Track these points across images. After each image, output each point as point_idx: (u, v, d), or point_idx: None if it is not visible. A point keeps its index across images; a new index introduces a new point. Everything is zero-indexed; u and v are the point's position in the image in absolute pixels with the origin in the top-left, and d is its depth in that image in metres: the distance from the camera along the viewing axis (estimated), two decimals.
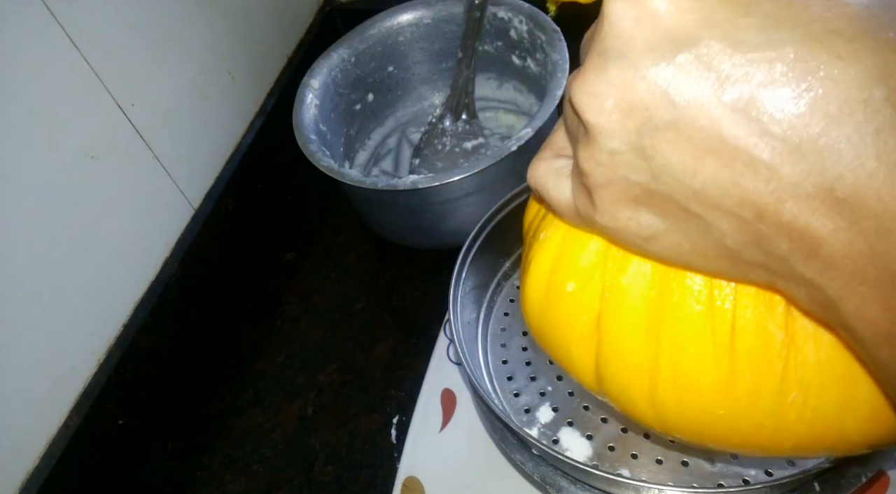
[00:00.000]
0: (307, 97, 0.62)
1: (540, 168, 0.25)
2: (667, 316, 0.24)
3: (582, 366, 0.28)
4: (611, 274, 0.26)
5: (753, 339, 0.23)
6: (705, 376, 0.24)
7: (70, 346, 0.49)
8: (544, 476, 0.36)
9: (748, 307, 0.23)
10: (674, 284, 0.24)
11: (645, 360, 0.25)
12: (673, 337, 0.25)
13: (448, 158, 0.66)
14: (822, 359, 0.23)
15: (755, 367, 0.23)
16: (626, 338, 0.26)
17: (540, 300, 0.29)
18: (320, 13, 0.83)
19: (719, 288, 0.23)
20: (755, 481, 0.36)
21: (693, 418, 0.26)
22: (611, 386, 0.28)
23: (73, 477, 0.48)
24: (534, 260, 0.29)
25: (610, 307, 0.26)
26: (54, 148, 0.47)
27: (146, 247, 0.57)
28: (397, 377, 0.55)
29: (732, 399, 0.24)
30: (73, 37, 0.47)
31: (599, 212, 0.22)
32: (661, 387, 0.25)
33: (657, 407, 0.26)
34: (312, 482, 0.50)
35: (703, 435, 0.26)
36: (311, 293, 0.64)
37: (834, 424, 0.24)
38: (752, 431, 0.25)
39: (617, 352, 0.26)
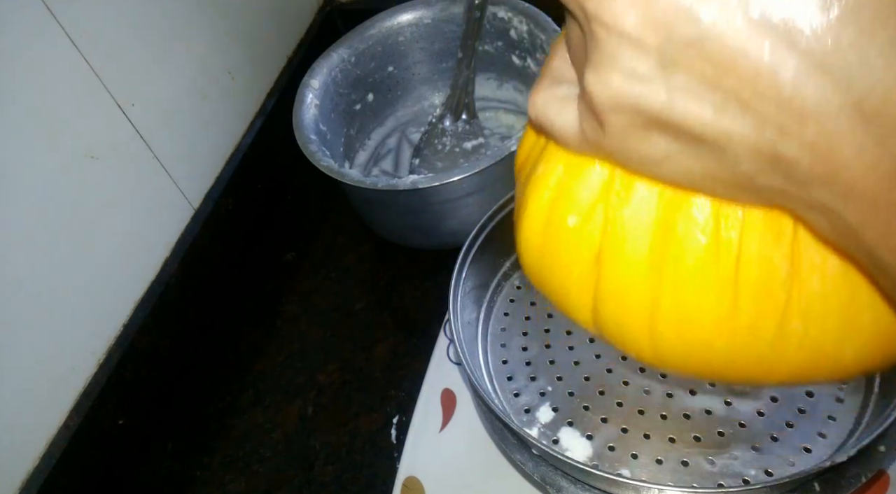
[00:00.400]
0: (307, 97, 0.62)
1: (540, 96, 0.24)
2: (671, 248, 0.24)
3: (580, 306, 0.28)
4: (614, 206, 0.25)
5: (758, 271, 0.23)
6: (707, 309, 0.24)
7: (70, 346, 0.49)
8: (544, 476, 0.36)
9: (754, 239, 0.23)
10: (679, 216, 0.23)
11: (646, 294, 0.25)
12: (676, 270, 0.24)
13: (448, 158, 0.66)
14: (826, 290, 0.22)
15: (758, 299, 0.23)
16: (628, 272, 0.25)
17: (538, 237, 0.28)
18: (320, 13, 0.83)
19: (726, 219, 0.23)
20: (755, 481, 0.36)
21: (692, 351, 0.26)
22: (608, 322, 0.27)
23: (73, 477, 0.48)
24: (531, 195, 0.27)
25: (612, 240, 0.25)
26: (54, 148, 0.47)
27: (146, 247, 0.57)
28: (397, 377, 0.55)
29: (733, 331, 0.24)
30: (72, 37, 0.47)
31: (609, 136, 0.21)
32: (662, 321, 0.25)
33: (656, 342, 0.26)
34: (312, 482, 0.50)
35: (700, 368, 0.26)
36: (311, 293, 0.64)
37: (833, 352, 0.24)
38: (750, 362, 0.25)
39: (617, 287, 0.26)
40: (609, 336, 0.28)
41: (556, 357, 0.44)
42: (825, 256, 0.22)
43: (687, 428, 0.39)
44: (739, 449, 0.37)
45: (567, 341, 0.45)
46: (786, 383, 0.26)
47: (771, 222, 0.22)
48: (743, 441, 0.38)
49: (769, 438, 0.37)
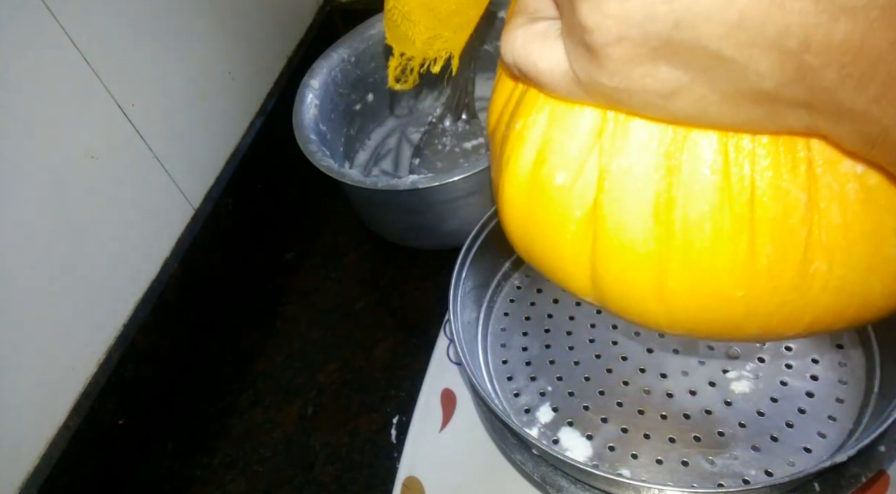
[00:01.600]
0: (307, 97, 0.62)
1: (518, 36, 0.21)
2: (677, 193, 0.22)
3: (576, 272, 0.25)
4: (608, 156, 0.22)
5: (775, 206, 0.21)
6: (723, 256, 0.22)
7: (70, 346, 0.49)
8: (544, 476, 0.36)
9: (768, 169, 0.21)
10: (682, 156, 0.21)
11: (652, 250, 0.23)
12: (685, 217, 0.22)
13: (448, 158, 0.66)
14: (848, 220, 0.20)
15: (777, 238, 0.21)
16: (629, 227, 0.23)
17: (522, 200, 0.25)
18: (320, 13, 0.83)
19: (736, 150, 0.21)
20: (755, 481, 0.36)
21: (708, 306, 0.23)
22: (611, 288, 0.25)
23: (73, 477, 0.48)
24: (512, 155, 0.25)
25: (609, 194, 0.23)
26: (54, 147, 0.47)
27: (146, 247, 0.57)
28: (397, 377, 0.55)
29: (752, 277, 0.22)
30: (72, 36, 0.47)
31: (608, 73, 0.19)
32: (673, 277, 0.23)
33: (667, 301, 0.23)
34: (312, 482, 0.50)
35: (718, 325, 0.24)
36: (311, 293, 0.64)
37: (860, 289, 0.22)
38: (771, 311, 0.23)
39: (618, 246, 0.23)
40: (612, 302, 0.25)
41: (556, 357, 0.44)
42: (844, 182, 0.20)
43: (687, 428, 0.39)
44: (739, 449, 0.37)
45: (567, 341, 0.45)
46: (812, 331, 0.24)
47: (784, 149, 0.20)
48: (743, 441, 0.38)
49: (769, 438, 0.37)
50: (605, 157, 0.22)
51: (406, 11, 0.49)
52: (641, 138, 0.22)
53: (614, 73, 0.18)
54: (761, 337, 0.25)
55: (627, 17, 0.17)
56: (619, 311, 0.26)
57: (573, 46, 0.19)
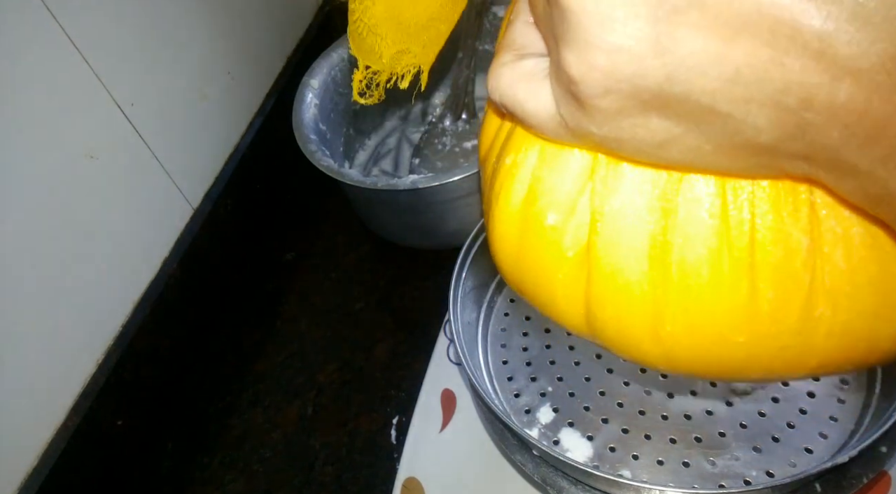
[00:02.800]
0: (307, 97, 0.62)
1: (504, 75, 0.20)
2: (674, 236, 0.21)
3: (571, 310, 0.25)
4: (601, 197, 0.22)
5: (776, 250, 0.20)
6: (722, 300, 0.21)
7: (69, 346, 0.49)
8: (545, 476, 0.36)
9: (768, 213, 0.20)
10: (678, 199, 0.21)
11: (647, 292, 0.22)
12: (682, 260, 0.21)
13: (448, 158, 0.65)
14: (853, 265, 0.20)
15: (779, 282, 0.20)
16: (625, 270, 0.22)
17: (513, 239, 0.25)
18: (320, 13, 0.83)
19: (734, 193, 0.20)
20: (756, 482, 0.36)
21: (707, 349, 0.23)
22: (606, 327, 0.24)
23: (72, 478, 0.48)
24: (502, 191, 0.24)
25: (602, 236, 0.22)
26: (53, 147, 0.47)
27: (145, 247, 0.57)
28: (397, 377, 0.55)
29: (753, 322, 0.21)
30: (72, 37, 0.47)
31: (596, 122, 0.18)
32: (669, 320, 0.22)
33: (664, 343, 0.23)
34: (312, 482, 0.50)
35: (718, 367, 0.23)
36: (310, 293, 0.63)
37: (867, 334, 0.21)
38: (774, 355, 0.22)
39: (613, 288, 0.23)
40: (607, 341, 0.25)
41: (556, 357, 0.44)
42: (848, 225, 0.20)
43: (688, 429, 0.39)
44: (741, 450, 0.37)
45: (568, 341, 0.45)
46: (816, 374, 0.23)
47: (785, 192, 0.20)
48: (744, 442, 0.37)
49: (770, 439, 0.37)
50: (597, 199, 0.22)
51: (372, 24, 0.47)
52: (634, 180, 0.21)
53: (602, 123, 0.18)
54: (764, 379, 0.25)
55: (615, 70, 0.16)
56: (615, 351, 0.25)
57: (560, 92, 0.18)
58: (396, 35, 0.47)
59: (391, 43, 0.48)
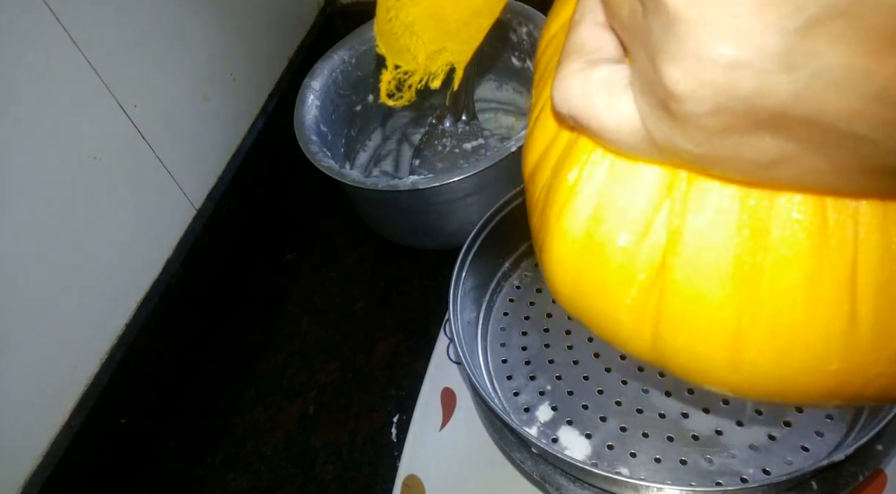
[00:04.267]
0: (308, 98, 0.62)
1: (575, 86, 0.18)
2: (765, 258, 0.19)
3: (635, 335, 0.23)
4: (679, 216, 0.20)
5: (882, 271, 0.19)
6: (817, 326, 0.19)
7: (72, 345, 0.50)
8: (544, 474, 0.37)
9: (874, 231, 0.18)
10: (770, 217, 0.19)
11: (730, 317, 0.20)
12: (773, 284, 0.19)
13: (448, 159, 0.66)
14: None
15: (883, 307, 0.19)
16: (705, 294, 0.20)
17: (574, 259, 0.23)
18: (321, 15, 0.84)
19: (836, 210, 0.18)
20: (753, 479, 0.36)
21: (793, 378, 0.21)
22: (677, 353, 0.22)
23: (75, 476, 0.48)
24: (564, 210, 0.22)
25: (681, 258, 0.20)
26: (56, 148, 0.47)
27: (148, 247, 0.57)
28: (397, 376, 0.55)
29: (851, 349, 0.20)
30: (74, 37, 0.48)
31: (694, 141, 0.16)
32: (754, 347, 0.21)
33: (744, 371, 0.21)
34: (313, 480, 0.51)
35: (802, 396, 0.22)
36: (312, 293, 0.64)
37: None
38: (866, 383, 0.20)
39: (690, 313, 0.21)
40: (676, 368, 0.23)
41: (555, 356, 0.44)
42: None
43: (685, 427, 0.39)
44: (737, 448, 0.37)
45: (566, 340, 0.45)
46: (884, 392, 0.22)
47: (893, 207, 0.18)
48: (741, 440, 0.38)
49: (767, 437, 0.38)
50: (675, 218, 0.20)
51: (409, 22, 0.44)
52: (720, 197, 0.19)
53: (702, 142, 0.16)
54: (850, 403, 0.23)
55: (732, 87, 0.14)
56: (683, 376, 0.24)
57: (650, 107, 0.16)
58: (435, 33, 0.44)
59: (428, 41, 0.44)
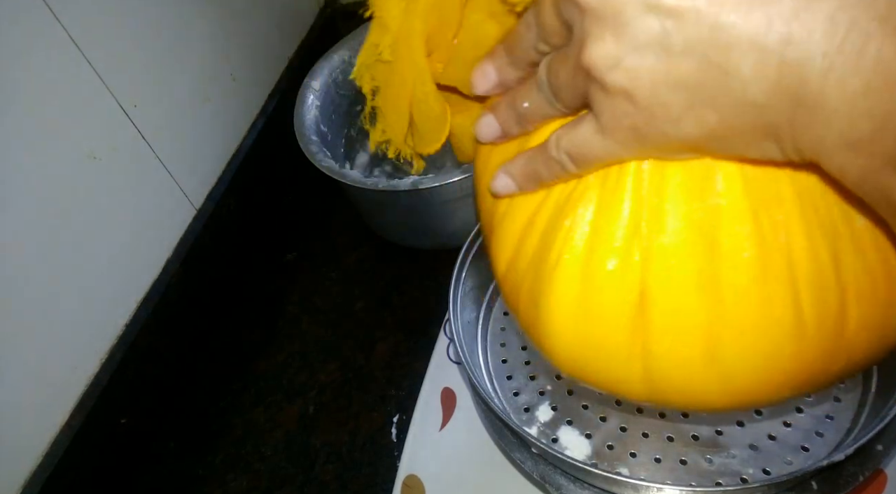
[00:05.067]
0: (308, 98, 0.62)
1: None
2: (722, 265, 0.23)
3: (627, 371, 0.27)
4: (649, 236, 0.24)
5: (812, 266, 0.23)
6: (770, 317, 0.23)
7: (72, 346, 0.50)
8: (544, 474, 0.37)
9: (799, 234, 0.23)
10: (720, 232, 0.23)
11: (703, 320, 0.24)
12: (732, 286, 0.23)
13: (448, 159, 0.66)
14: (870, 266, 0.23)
15: (817, 293, 0.23)
16: (679, 299, 0.24)
17: (576, 296, 0.26)
18: (321, 15, 0.84)
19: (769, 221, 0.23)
20: (753, 479, 0.36)
21: (762, 367, 0.25)
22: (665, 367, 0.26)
23: (75, 476, 0.48)
24: (565, 255, 0.26)
25: (654, 273, 0.24)
26: (57, 149, 0.47)
27: (148, 247, 0.57)
28: (397, 376, 0.55)
29: (800, 332, 0.24)
30: (75, 38, 0.48)
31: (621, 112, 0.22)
32: (725, 347, 0.24)
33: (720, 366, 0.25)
34: (313, 480, 0.51)
35: (769, 384, 0.26)
36: (312, 293, 0.64)
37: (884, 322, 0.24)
38: (817, 358, 0.24)
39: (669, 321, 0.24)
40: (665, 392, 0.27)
41: None
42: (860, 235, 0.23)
43: (685, 427, 0.39)
44: (737, 448, 0.37)
45: None
46: (853, 372, 0.26)
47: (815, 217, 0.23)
48: (741, 440, 0.38)
49: (767, 437, 0.38)
50: (645, 240, 0.24)
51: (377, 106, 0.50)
52: (678, 217, 0.23)
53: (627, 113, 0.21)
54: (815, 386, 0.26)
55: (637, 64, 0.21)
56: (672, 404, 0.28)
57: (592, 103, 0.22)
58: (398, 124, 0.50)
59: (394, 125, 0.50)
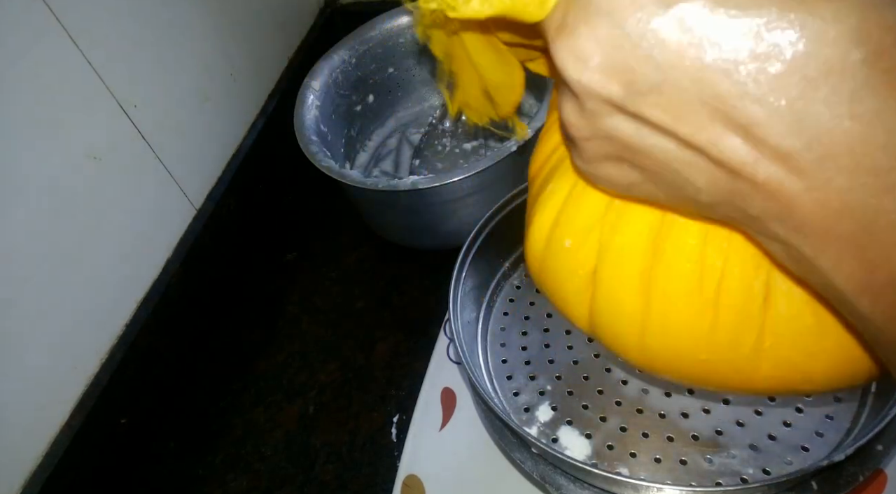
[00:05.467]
0: (308, 98, 0.62)
1: None
2: (659, 272, 0.26)
3: (577, 314, 0.31)
4: (608, 233, 0.27)
5: (738, 295, 0.25)
6: (691, 326, 0.26)
7: (72, 345, 0.50)
8: (543, 474, 0.37)
9: (736, 265, 0.25)
10: (667, 244, 0.26)
11: (636, 311, 0.28)
12: (664, 291, 0.26)
13: (448, 159, 0.66)
14: (793, 314, 0.25)
15: (737, 320, 0.26)
16: (620, 291, 0.28)
17: (540, 252, 0.31)
18: (321, 15, 0.84)
19: (713, 246, 0.25)
20: (753, 479, 0.36)
21: (677, 361, 0.28)
22: (603, 332, 0.30)
23: (75, 476, 0.48)
24: (537, 213, 0.30)
25: (606, 263, 0.28)
26: (56, 148, 0.47)
27: (148, 247, 0.57)
28: (397, 376, 0.55)
29: (714, 346, 0.27)
30: (75, 38, 0.48)
31: (583, 161, 0.22)
32: (650, 334, 0.28)
33: (645, 352, 0.29)
34: (313, 480, 0.51)
35: (686, 376, 0.29)
36: (311, 293, 0.64)
37: (802, 369, 0.26)
38: (729, 373, 0.27)
39: (610, 303, 0.28)
40: (604, 341, 0.31)
41: (555, 356, 0.44)
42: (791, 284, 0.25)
43: (685, 427, 0.39)
44: (737, 448, 0.37)
45: (566, 340, 0.45)
46: (762, 393, 0.30)
47: (752, 251, 0.25)
48: (741, 440, 0.38)
49: (767, 437, 0.38)
50: (605, 234, 0.27)
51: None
52: (637, 224, 0.27)
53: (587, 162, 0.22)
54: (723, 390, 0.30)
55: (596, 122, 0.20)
56: (609, 349, 0.31)
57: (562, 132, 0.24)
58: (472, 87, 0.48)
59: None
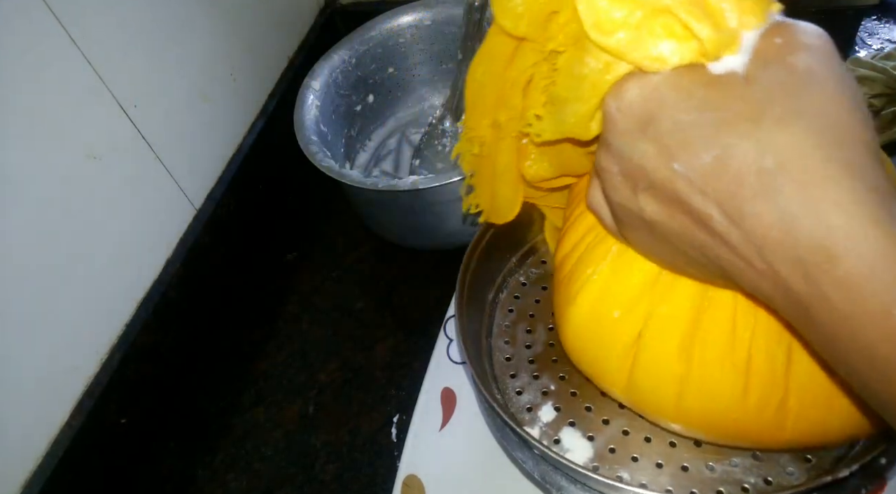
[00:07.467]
0: (308, 98, 0.62)
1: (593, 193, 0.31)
2: (698, 341, 0.30)
3: (615, 379, 0.34)
4: (655, 303, 0.31)
5: (765, 364, 0.29)
6: (725, 390, 0.30)
7: (72, 345, 0.50)
8: (544, 474, 0.37)
9: (762, 337, 0.29)
10: (705, 316, 0.30)
11: (676, 374, 0.31)
12: (701, 359, 0.30)
13: (448, 159, 0.66)
14: (813, 380, 0.29)
15: (764, 383, 0.30)
16: (662, 357, 0.32)
17: (582, 325, 0.35)
18: (321, 14, 0.83)
19: (743, 320, 0.30)
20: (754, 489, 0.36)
21: (712, 421, 0.32)
22: (641, 395, 0.34)
23: (75, 476, 0.48)
24: (581, 292, 0.34)
25: (651, 331, 0.32)
26: (56, 148, 0.47)
27: (148, 247, 0.57)
28: (397, 376, 0.56)
29: (744, 408, 0.30)
30: (75, 38, 0.47)
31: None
32: (688, 396, 0.31)
33: (681, 412, 0.33)
34: (313, 480, 0.51)
35: (719, 434, 0.33)
36: (311, 293, 0.64)
37: (820, 426, 0.31)
38: (758, 431, 0.31)
39: (652, 367, 0.32)
40: (639, 404, 0.35)
41: (559, 355, 0.44)
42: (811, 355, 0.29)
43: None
44: (739, 457, 0.37)
45: None
46: (786, 447, 0.34)
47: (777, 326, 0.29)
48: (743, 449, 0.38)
49: None
50: (653, 303, 0.32)
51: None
52: (681, 296, 0.31)
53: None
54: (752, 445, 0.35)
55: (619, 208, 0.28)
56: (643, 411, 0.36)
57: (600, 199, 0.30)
58: None
59: None
